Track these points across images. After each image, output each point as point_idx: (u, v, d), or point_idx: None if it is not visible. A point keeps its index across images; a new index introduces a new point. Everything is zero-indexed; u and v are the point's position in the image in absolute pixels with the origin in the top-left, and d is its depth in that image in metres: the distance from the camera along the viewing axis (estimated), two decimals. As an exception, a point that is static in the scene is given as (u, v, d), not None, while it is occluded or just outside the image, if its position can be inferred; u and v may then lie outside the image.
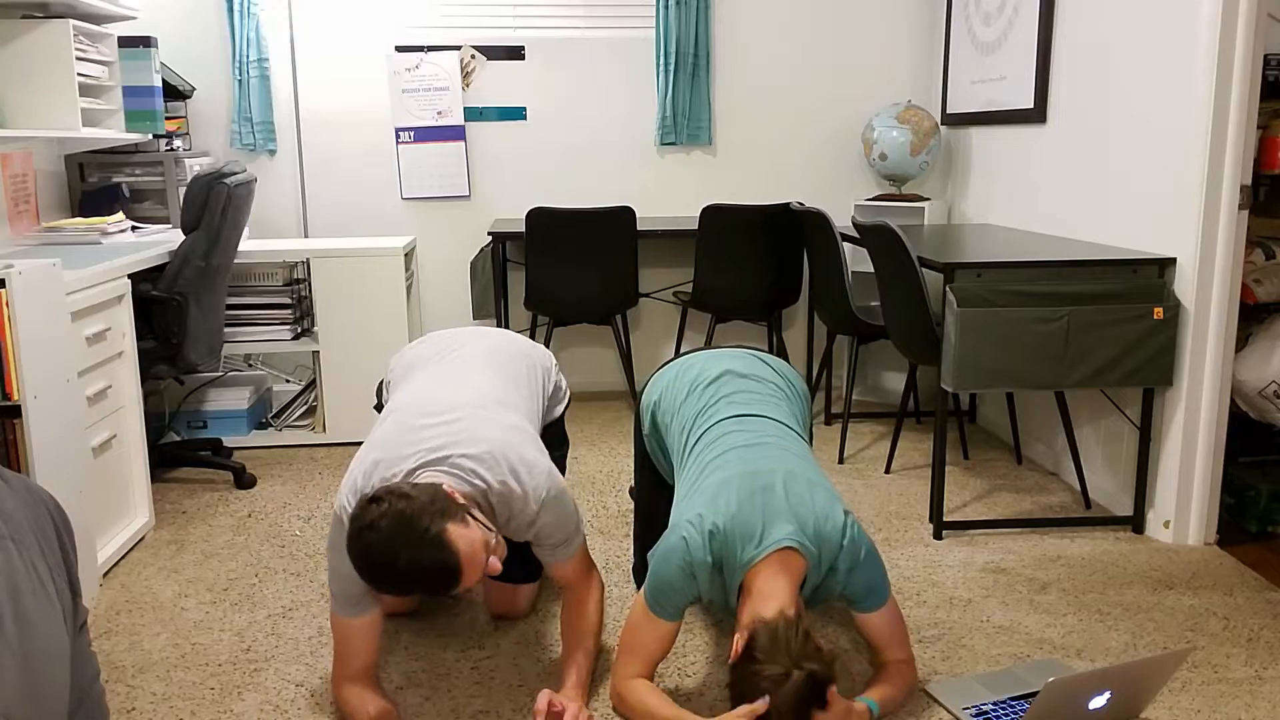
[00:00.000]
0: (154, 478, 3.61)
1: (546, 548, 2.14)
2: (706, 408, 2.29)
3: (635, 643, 2.08)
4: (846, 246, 3.83)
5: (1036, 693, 2.14)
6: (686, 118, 4.59)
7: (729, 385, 2.35)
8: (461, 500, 1.93)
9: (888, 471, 3.66)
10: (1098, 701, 1.97)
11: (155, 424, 3.98)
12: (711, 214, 4.03)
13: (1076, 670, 2.27)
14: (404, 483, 1.92)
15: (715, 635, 2.47)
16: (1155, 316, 2.90)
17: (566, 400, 2.62)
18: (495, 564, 1.92)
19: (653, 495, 2.55)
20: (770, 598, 1.91)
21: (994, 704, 2.13)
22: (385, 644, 2.43)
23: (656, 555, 2.03)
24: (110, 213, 3.83)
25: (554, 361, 2.60)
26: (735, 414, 2.25)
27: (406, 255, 4.08)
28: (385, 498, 1.85)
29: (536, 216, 3.96)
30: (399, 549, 1.80)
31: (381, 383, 2.57)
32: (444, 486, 1.94)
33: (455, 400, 2.15)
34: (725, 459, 2.11)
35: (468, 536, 1.86)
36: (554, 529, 2.10)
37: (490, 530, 1.94)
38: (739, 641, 1.90)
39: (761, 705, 1.80)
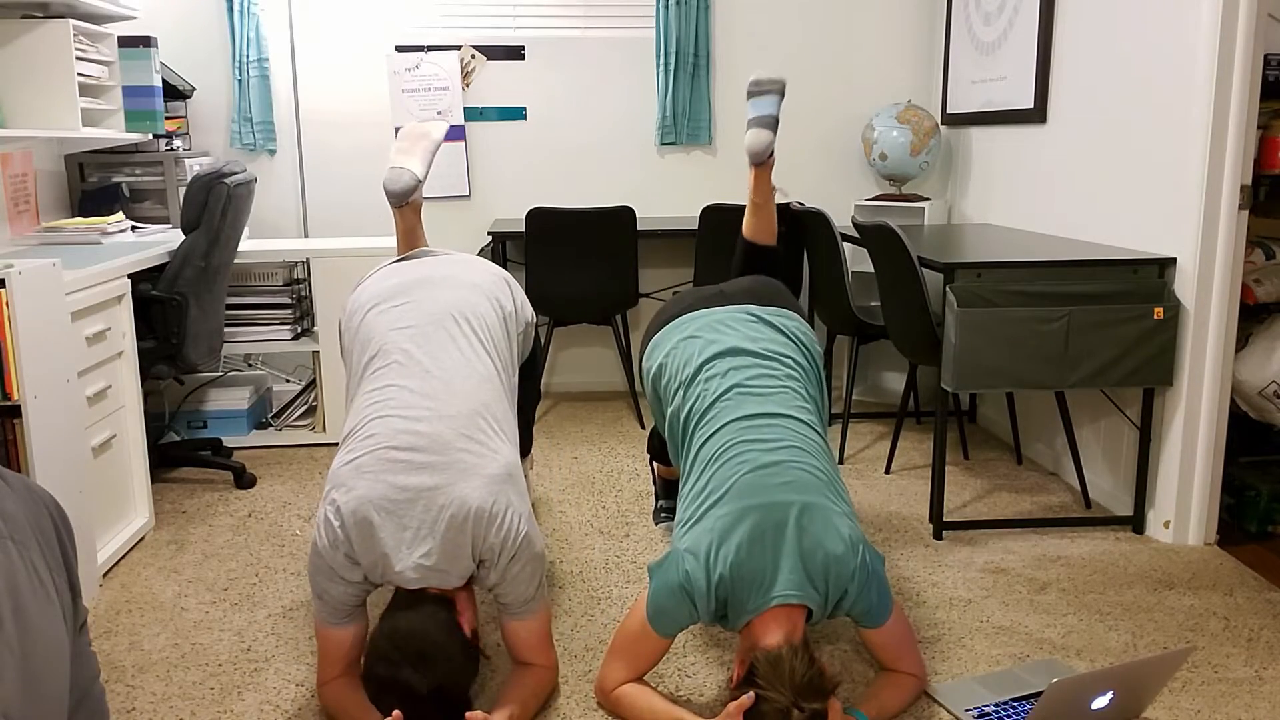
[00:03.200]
0: (154, 478, 3.61)
1: (508, 603, 2.06)
2: (713, 403, 2.16)
3: (630, 651, 2.04)
4: (846, 246, 3.83)
5: (1038, 693, 2.15)
6: (686, 118, 4.59)
7: (738, 371, 2.19)
8: (450, 601, 2.00)
9: (888, 471, 3.66)
10: (1100, 701, 1.97)
11: (155, 424, 3.98)
12: (711, 214, 4.03)
13: (1078, 670, 2.28)
14: (403, 643, 1.87)
15: (715, 635, 2.47)
16: (1155, 316, 2.90)
17: (534, 331, 2.55)
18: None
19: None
20: (774, 635, 1.89)
21: (996, 705, 2.12)
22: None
23: (658, 582, 1.97)
24: (110, 213, 3.83)
25: (517, 290, 2.48)
26: (746, 414, 2.11)
27: (406, 255, 4.08)
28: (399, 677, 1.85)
29: (536, 216, 3.96)
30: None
31: (341, 325, 2.42)
32: (434, 608, 1.95)
33: (441, 431, 2.02)
34: (737, 484, 1.99)
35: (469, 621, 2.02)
36: (519, 581, 2.02)
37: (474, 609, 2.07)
38: (739, 668, 1.89)
39: (748, 700, 1.78)
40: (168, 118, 4.11)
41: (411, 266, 2.44)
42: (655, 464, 3.06)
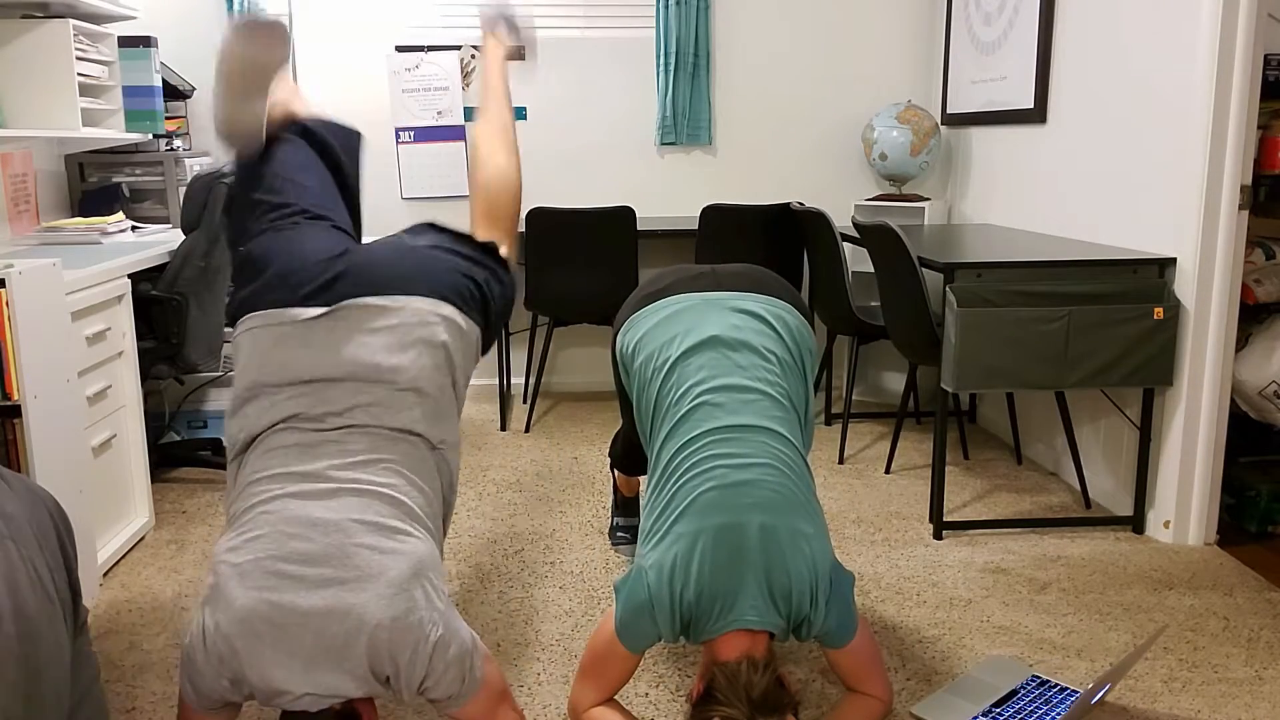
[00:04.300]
0: (154, 478, 3.61)
1: (435, 701, 1.80)
2: (685, 411, 2.04)
3: (599, 670, 1.99)
4: (846, 246, 3.83)
5: (1011, 694, 2.20)
6: (686, 118, 4.59)
7: (713, 371, 2.06)
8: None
9: (888, 471, 3.66)
10: (1098, 695, 2.04)
11: (155, 424, 3.98)
12: (711, 214, 4.03)
13: (1024, 665, 2.29)
14: None
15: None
16: (1155, 316, 2.90)
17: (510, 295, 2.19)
18: None
19: (634, 425, 2.37)
20: (734, 652, 1.87)
21: (981, 715, 2.12)
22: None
23: (624, 599, 1.93)
24: (110, 213, 3.83)
25: (452, 331, 1.99)
26: (716, 425, 2.00)
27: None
28: None
29: (536, 216, 3.96)
30: None
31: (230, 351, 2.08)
32: None
33: (339, 523, 1.73)
34: (702, 500, 1.92)
35: None
36: (439, 687, 1.76)
37: None
38: (699, 683, 1.88)
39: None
40: (168, 118, 4.11)
41: (312, 339, 1.91)
42: (616, 472, 2.93)
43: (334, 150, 2.20)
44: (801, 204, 3.99)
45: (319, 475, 1.79)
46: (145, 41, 3.82)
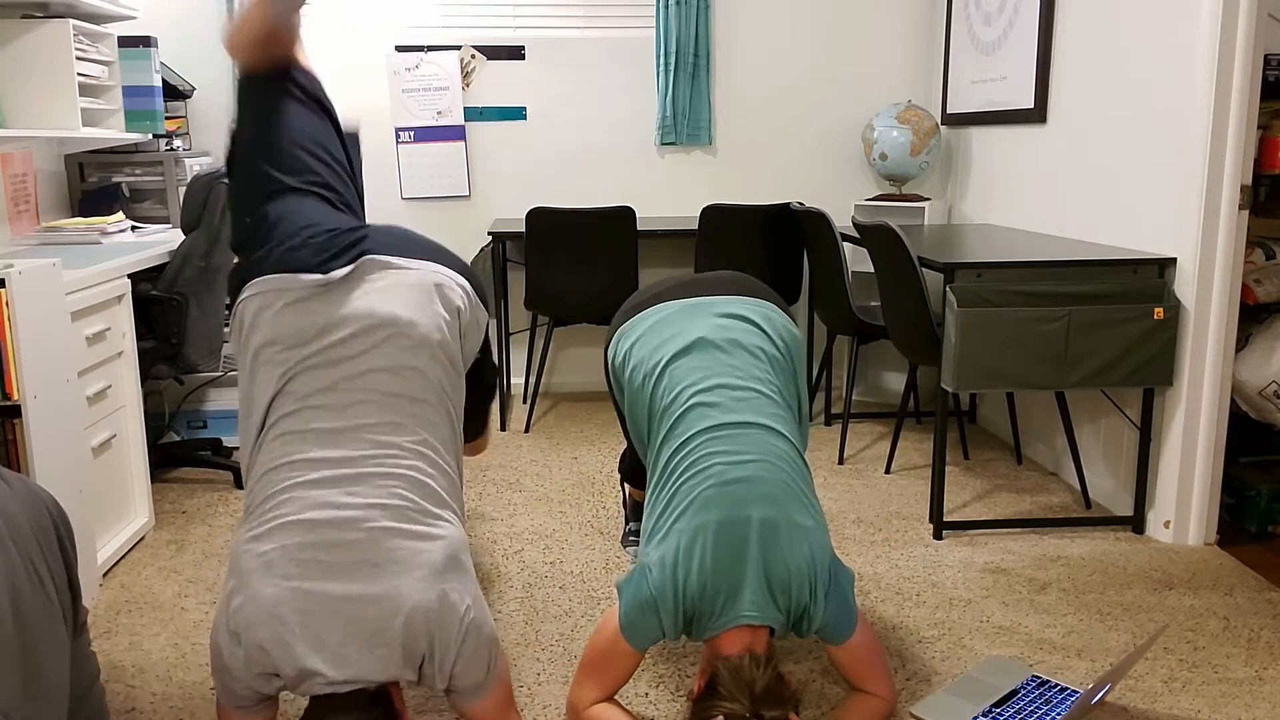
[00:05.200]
0: (154, 478, 3.61)
1: (459, 692, 1.79)
2: (680, 413, 2.05)
3: (601, 667, 1.99)
4: (846, 246, 3.83)
5: (1011, 694, 2.20)
6: (686, 118, 4.59)
7: (705, 371, 2.08)
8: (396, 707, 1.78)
9: (888, 471, 3.66)
10: (1098, 695, 2.04)
11: (155, 424, 3.98)
12: (711, 214, 4.03)
13: (1024, 665, 2.28)
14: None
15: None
16: (1155, 316, 2.90)
17: (485, 330, 2.14)
18: None
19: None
20: (736, 648, 1.88)
21: (981, 715, 2.12)
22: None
23: (627, 596, 1.94)
24: (110, 213, 3.83)
25: (471, 302, 2.05)
26: (712, 424, 2.01)
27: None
28: None
29: (536, 216, 3.96)
30: None
31: (233, 332, 1.97)
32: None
33: (367, 514, 1.72)
34: (701, 497, 1.93)
35: None
36: (467, 674, 1.76)
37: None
38: (701, 679, 1.88)
39: None
40: (168, 118, 4.11)
41: (328, 298, 1.89)
42: (626, 485, 2.97)
43: (339, 124, 2.18)
44: (801, 204, 3.99)
45: (341, 461, 1.77)
46: (145, 41, 3.82)
